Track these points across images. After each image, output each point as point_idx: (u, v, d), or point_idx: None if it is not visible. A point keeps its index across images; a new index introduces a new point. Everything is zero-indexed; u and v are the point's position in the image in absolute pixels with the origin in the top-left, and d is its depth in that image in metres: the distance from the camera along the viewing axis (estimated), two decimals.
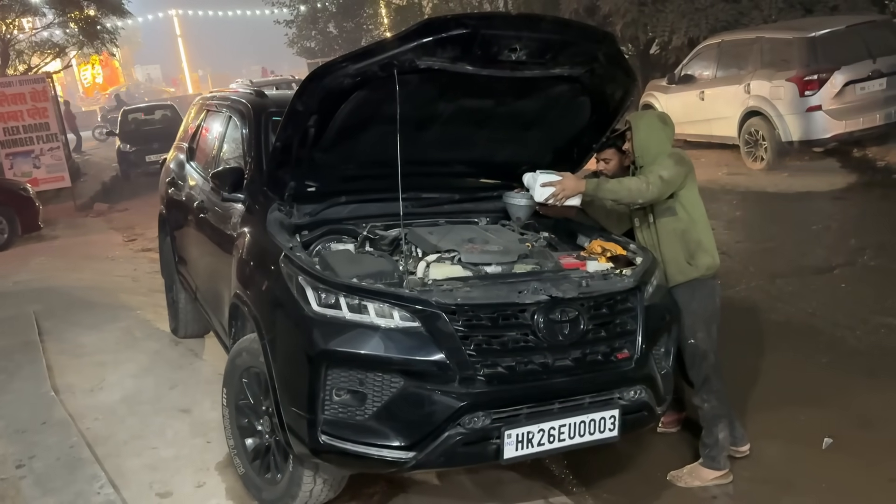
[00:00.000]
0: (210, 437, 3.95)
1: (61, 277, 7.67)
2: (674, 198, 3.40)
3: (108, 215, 12.17)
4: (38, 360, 5.07)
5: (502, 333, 2.76)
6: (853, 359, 4.53)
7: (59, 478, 3.51)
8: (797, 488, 3.41)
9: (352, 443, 2.75)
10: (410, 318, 2.73)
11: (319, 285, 2.81)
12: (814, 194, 8.22)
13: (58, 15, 15.99)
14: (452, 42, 2.89)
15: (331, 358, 2.72)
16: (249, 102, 4.16)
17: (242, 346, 3.34)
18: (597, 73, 3.30)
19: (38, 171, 12.17)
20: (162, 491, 3.54)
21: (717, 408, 3.46)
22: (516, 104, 3.43)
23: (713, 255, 3.46)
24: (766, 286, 5.81)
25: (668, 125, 3.53)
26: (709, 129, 10.48)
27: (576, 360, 2.85)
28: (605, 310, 2.94)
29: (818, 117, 8.86)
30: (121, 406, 4.47)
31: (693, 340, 3.43)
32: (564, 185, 3.35)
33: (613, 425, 2.91)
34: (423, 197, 3.76)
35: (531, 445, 2.78)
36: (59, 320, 6.07)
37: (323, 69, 3.01)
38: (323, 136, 3.26)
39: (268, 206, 3.45)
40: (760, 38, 9.75)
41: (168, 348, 5.39)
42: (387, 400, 2.72)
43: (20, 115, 11.98)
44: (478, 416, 2.70)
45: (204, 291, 4.55)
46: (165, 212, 5.52)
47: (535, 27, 3.05)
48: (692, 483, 3.47)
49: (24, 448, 3.83)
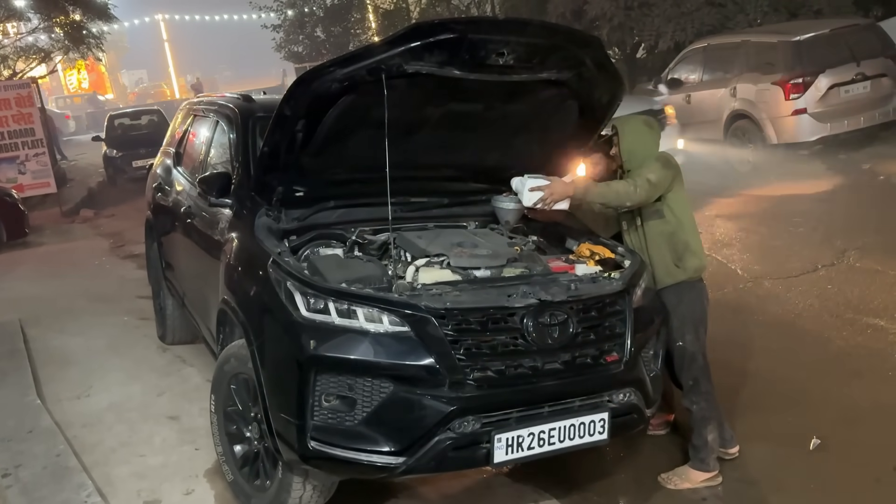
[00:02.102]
0: (199, 445, 3.93)
1: (47, 284, 7.63)
2: (661, 200, 3.42)
3: (95, 221, 12.09)
4: (24, 368, 5.02)
5: (492, 337, 2.77)
6: (840, 359, 4.57)
7: (46, 486, 3.48)
8: (785, 489, 3.43)
9: (342, 448, 2.74)
10: (400, 323, 2.73)
11: (308, 290, 2.81)
12: (800, 197, 8.26)
13: (43, 20, 15.88)
14: (440, 46, 2.90)
15: (320, 363, 2.71)
16: (236, 107, 4.15)
17: (230, 352, 3.33)
18: (584, 77, 3.32)
19: (23, 176, 12.10)
20: (150, 499, 3.52)
21: (706, 410, 3.47)
22: (505, 108, 3.45)
23: (700, 257, 3.48)
24: (753, 288, 5.85)
25: (654, 129, 3.56)
26: (696, 132, 10.52)
27: (565, 363, 2.85)
28: (593, 313, 2.95)
29: (803, 120, 8.93)
30: (108, 414, 4.44)
31: (681, 343, 3.45)
32: (553, 190, 3.36)
33: (603, 428, 2.91)
34: (412, 201, 3.77)
35: (521, 449, 2.78)
36: (45, 328, 6.03)
37: (310, 74, 3.00)
38: (311, 140, 3.25)
39: (255, 211, 3.44)
40: (746, 41, 9.82)
41: (156, 355, 5.36)
42: (376, 405, 2.71)
43: (5, 120, 11.91)
44: (468, 420, 2.70)
45: (191, 297, 4.53)
46: (152, 217, 5.50)
47: (523, 31, 3.06)
48: (682, 485, 3.48)
49: (9, 457, 3.79)
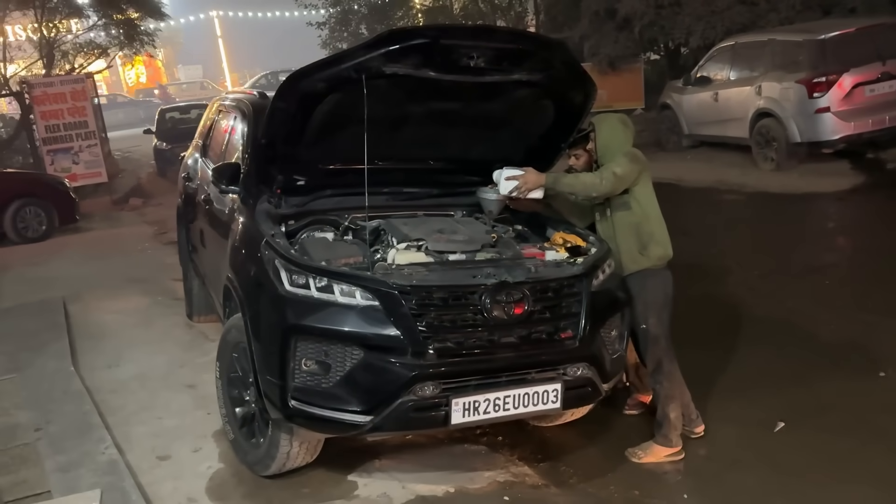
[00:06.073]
0: (210, 410, 4.30)
1: (92, 266, 8.18)
2: (629, 193, 3.68)
3: (142, 210, 12.70)
4: (63, 340, 5.51)
5: (452, 312, 3.07)
6: (821, 351, 4.71)
7: (71, 440, 3.91)
8: (742, 466, 3.63)
9: (318, 407, 3.09)
10: (371, 298, 3.06)
11: (292, 267, 3.16)
12: (818, 195, 8.33)
13: (100, 17, 16.64)
14: (414, 50, 3.21)
15: (300, 331, 3.06)
16: (251, 103, 4.52)
17: (232, 323, 3.70)
18: (555, 78, 3.59)
19: (76, 166, 12.77)
20: (162, 454, 3.92)
21: (668, 389, 3.71)
22: (484, 106, 3.74)
23: (665, 246, 3.72)
24: (751, 283, 6.00)
25: (629, 127, 3.81)
26: (722, 130, 10.62)
27: (521, 337, 3.14)
28: (550, 293, 3.23)
29: (827, 119, 8.94)
30: (133, 381, 4.88)
31: (645, 325, 3.69)
32: (526, 179, 3.65)
33: (556, 398, 3.20)
34: (404, 191, 4.10)
35: (477, 413, 3.08)
36: (85, 305, 6.54)
37: (298, 73, 3.34)
38: (304, 133, 3.60)
39: (258, 197, 3.81)
40: (772, 40, 9.85)
41: (182, 331, 5.80)
42: (348, 369, 3.05)
43: (60, 113, 12.60)
44: (428, 385, 3.01)
45: (210, 277, 4.93)
46: (181, 205, 5.93)
47: (491, 37, 3.37)
48: (646, 458, 3.72)
49: (42, 414, 4.25)
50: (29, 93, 12.85)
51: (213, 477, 3.69)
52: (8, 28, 16.87)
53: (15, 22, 17.31)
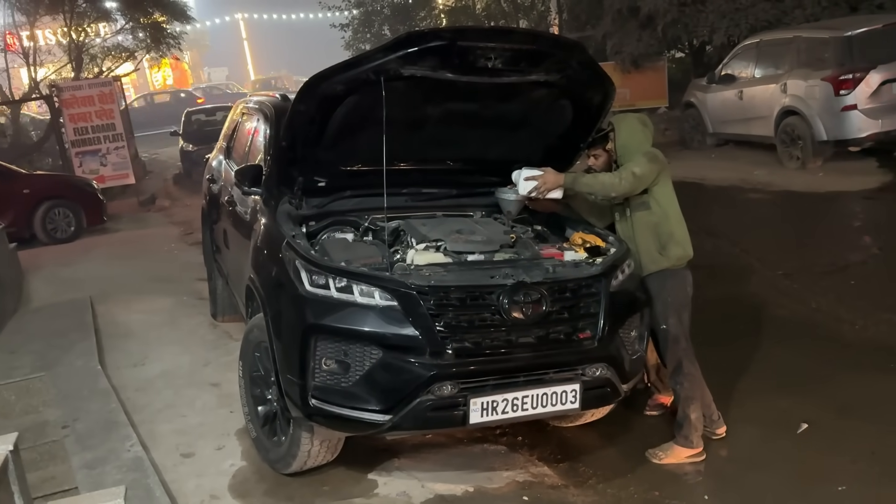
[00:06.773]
0: (234, 408, 4.36)
1: (119, 267, 8.31)
2: (648, 193, 3.67)
3: (169, 211, 12.86)
4: (90, 339, 5.60)
5: (470, 312, 3.09)
6: (844, 351, 4.68)
7: (97, 437, 3.98)
8: (763, 467, 3.62)
9: (338, 406, 3.12)
10: (389, 298, 3.08)
11: (312, 268, 3.20)
12: (844, 194, 8.21)
13: (127, 21, 16.90)
14: (432, 52, 3.24)
15: (319, 331, 3.10)
16: (273, 105, 4.57)
17: (254, 322, 3.75)
18: (573, 78, 3.59)
19: (104, 168, 13.00)
20: (186, 452, 3.99)
21: (689, 390, 3.70)
22: (502, 106, 3.75)
23: (685, 246, 3.71)
24: (775, 282, 5.95)
25: (648, 127, 3.80)
26: (747, 128, 10.51)
27: (539, 337, 3.15)
28: (568, 294, 3.23)
29: (853, 116, 8.81)
30: (158, 380, 4.96)
31: (665, 326, 3.68)
32: (545, 179, 3.66)
33: (575, 398, 3.20)
34: (423, 192, 4.13)
35: (495, 413, 3.10)
36: (112, 304, 6.65)
37: (317, 77, 3.38)
38: (324, 135, 3.64)
39: (280, 199, 3.86)
40: (798, 37, 9.73)
41: (206, 331, 5.88)
42: (367, 369, 3.08)
43: (88, 116, 12.83)
44: (446, 384, 3.03)
45: (233, 277, 4.99)
46: (206, 206, 6.01)
47: (508, 38, 3.38)
48: (666, 459, 3.71)
49: (69, 412, 4.33)
50: (58, 96, 13.09)
51: (235, 474, 3.75)
52: (38, 32, 17.20)
53: (45, 26, 17.65)
